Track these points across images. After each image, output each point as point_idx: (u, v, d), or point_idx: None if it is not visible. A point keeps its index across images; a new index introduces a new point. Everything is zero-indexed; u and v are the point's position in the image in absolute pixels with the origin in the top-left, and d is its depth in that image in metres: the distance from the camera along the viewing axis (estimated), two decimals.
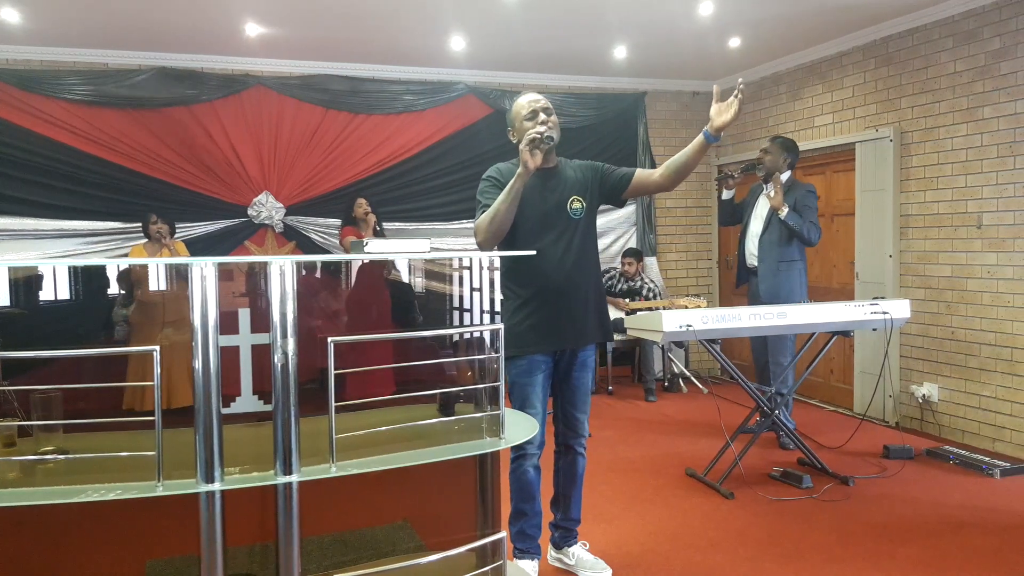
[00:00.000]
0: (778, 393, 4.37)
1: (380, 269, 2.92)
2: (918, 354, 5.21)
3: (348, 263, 2.80)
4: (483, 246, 2.81)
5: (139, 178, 5.73)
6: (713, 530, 3.44)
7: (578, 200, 2.88)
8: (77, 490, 1.71)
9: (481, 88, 6.57)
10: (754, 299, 4.76)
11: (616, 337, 6.31)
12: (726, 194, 4.89)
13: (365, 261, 2.68)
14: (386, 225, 6.05)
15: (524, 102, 2.88)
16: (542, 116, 2.80)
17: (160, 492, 1.71)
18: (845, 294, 5.77)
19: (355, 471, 1.89)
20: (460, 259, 2.49)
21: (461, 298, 2.44)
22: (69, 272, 2.13)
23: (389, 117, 6.34)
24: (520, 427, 2.34)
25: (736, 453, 4.07)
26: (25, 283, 2.01)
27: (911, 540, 3.29)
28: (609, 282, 6.61)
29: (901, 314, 4.06)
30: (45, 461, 1.82)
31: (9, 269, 1.97)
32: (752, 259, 4.78)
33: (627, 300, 6.37)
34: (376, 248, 2.80)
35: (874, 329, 4.07)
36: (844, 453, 4.53)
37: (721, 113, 2.71)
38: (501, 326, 2.34)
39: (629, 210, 7.09)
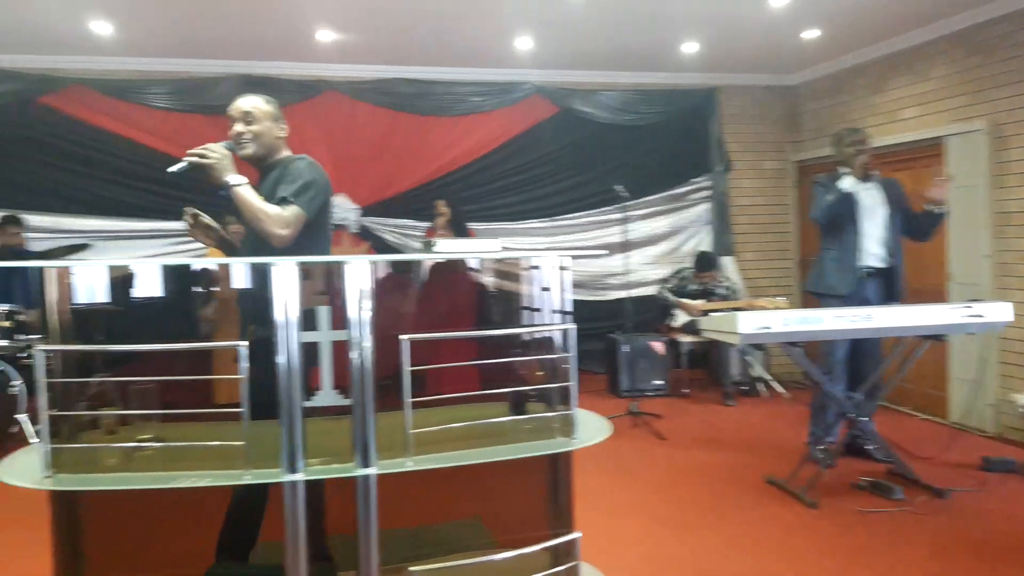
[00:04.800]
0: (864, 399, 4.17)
1: (454, 269, 2.94)
2: (1021, 360, 4.91)
3: (422, 262, 2.83)
4: None
5: None
6: (796, 540, 3.33)
7: None
8: (171, 476, 1.80)
9: (547, 87, 6.56)
10: (875, 303, 4.25)
11: (688, 339, 6.20)
12: (852, 184, 4.25)
13: (439, 261, 2.70)
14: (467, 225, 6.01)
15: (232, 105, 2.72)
16: (239, 126, 2.70)
17: (247, 481, 1.79)
18: (937, 296, 5.50)
19: (431, 466, 1.92)
20: (530, 259, 2.48)
21: (532, 298, 2.44)
22: (160, 271, 2.24)
23: (457, 119, 6.41)
24: (592, 428, 2.32)
25: (819, 461, 3.93)
26: (121, 282, 2.12)
27: (1015, 560, 3.10)
28: (681, 282, 6.49)
29: (1000, 317, 3.81)
30: (142, 449, 1.92)
31: (109, 268, 2.08)
32: (874, 259, 4.30)
33: (701, 301, 6.24)
34: (446, 248, 2.82)
35: (971, 333, 3.83)
36: (938, 464, 4.29)
37: None
38: (573, 326, 2.32)
39: (701, 208, 6.96)
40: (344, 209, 6.18)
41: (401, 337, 1.91)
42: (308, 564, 1.84)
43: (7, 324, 4.72)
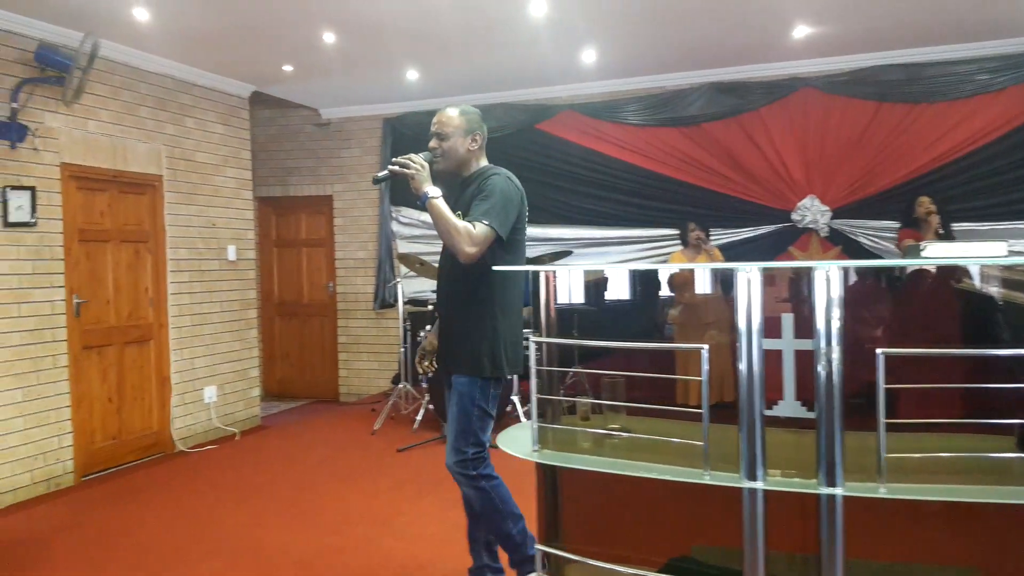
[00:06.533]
0: None
1: (944, 276, 2.60)
2: None
3: (903, 269, 2.56)
4: None
5: (687, 188, 6.20)
6: None
7: (459, 216, 2.67)
8: (636, 466, 1.95)
9: None
10: None
11: None
12: None
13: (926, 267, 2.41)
14: (953, 225, 5.28)
15: None
16: (433, 142, 2.75)
17: (707, 481, 1.83)
18: None
19: (907, 496, 1.73)
20: None
21: None
22: (629, 276, 2.44)
23: (956, 103, 5.54)
24: None
25: None
26: (595, 284, 2.36)
27: None
28: None
29: None
30: (611, 436, 2.12)
31: (584, 272, 2.34)
32: None
33: None
34: (935, 252, 2.48)
35: None
36: None
37: None
38: None
39: None
40: (813, 211, 5.87)
41: (877, 351, 1.75)
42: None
43: None
